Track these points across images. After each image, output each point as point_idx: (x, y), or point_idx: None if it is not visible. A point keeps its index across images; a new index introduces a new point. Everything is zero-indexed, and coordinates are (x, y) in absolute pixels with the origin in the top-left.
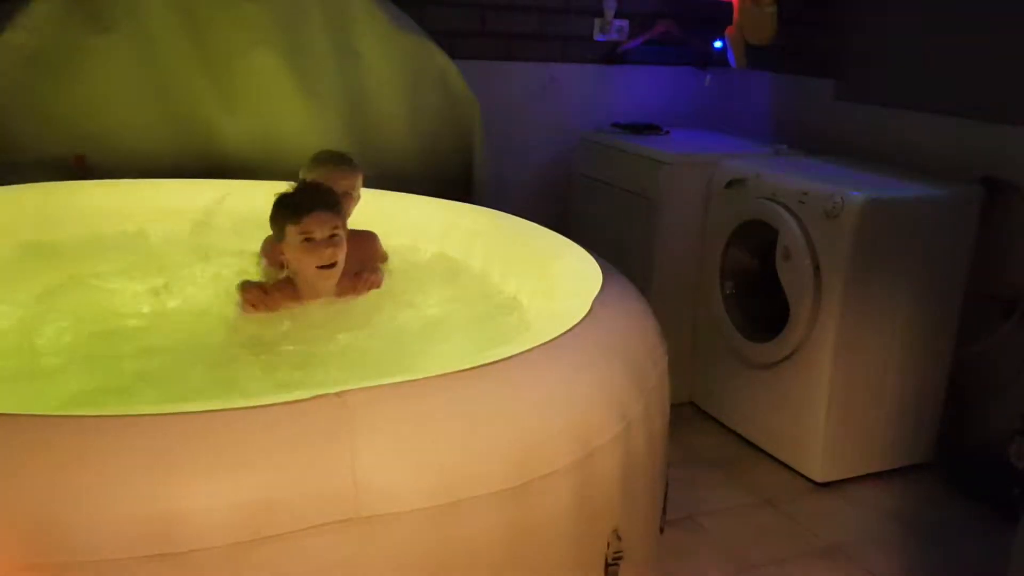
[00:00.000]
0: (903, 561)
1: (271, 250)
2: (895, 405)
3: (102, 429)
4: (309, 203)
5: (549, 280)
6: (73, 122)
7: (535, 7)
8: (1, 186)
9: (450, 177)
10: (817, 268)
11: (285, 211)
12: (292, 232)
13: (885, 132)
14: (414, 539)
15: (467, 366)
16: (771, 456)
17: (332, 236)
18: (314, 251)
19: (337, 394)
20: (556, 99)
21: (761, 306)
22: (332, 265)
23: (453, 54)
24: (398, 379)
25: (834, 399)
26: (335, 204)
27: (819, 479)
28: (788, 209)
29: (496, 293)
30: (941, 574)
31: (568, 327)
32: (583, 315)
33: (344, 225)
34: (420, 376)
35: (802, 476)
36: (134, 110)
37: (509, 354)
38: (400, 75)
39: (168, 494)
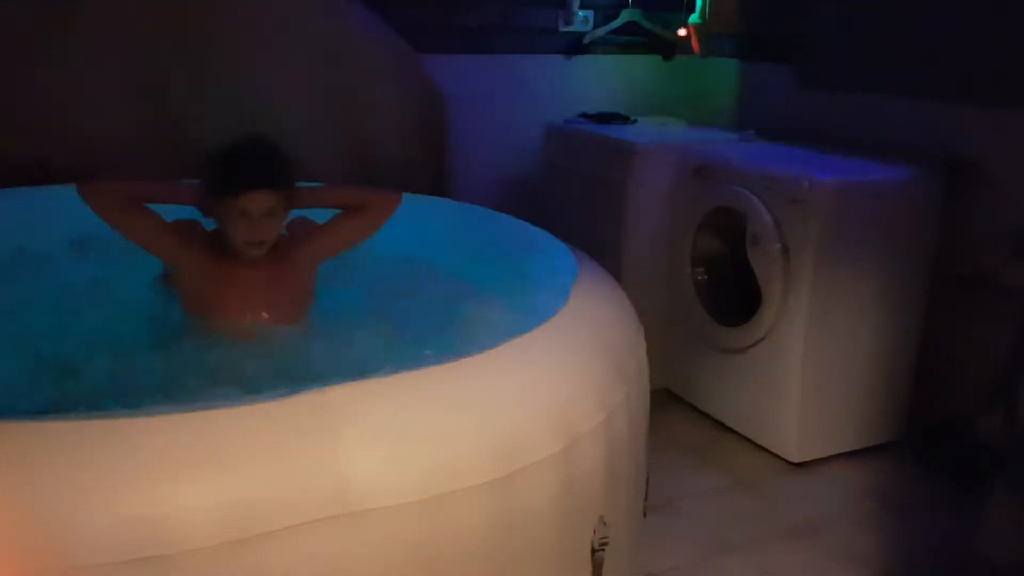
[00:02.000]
0: (878, 537)
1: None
2: (866, 384)
3: (83, 433)
4: (250, 177)
5: (524, 271)
6: (37, 125)
7: (499, 0)
8: None
9: (420, 172)
10: (786, 252)
11: (222, 177)
12: (227, 202)
13: (849, 116)
14: (403, 533)
15: (448, 360)
16: (746, 439)
17: (269, 214)
18: (243, 225)
19: (319, 391)
20: (523, 91)
21: (732, 291)
22: (259, 243)
23: (419, 49)
24: (379, 375)
25: (807, 380)
26: (281, 179)
27: (794, 459)
28: (756, 194)
29: (471, 286)
30: (915, 549)
31: (547, 317)
32: (561, 305)
33: (290, 201)
34: (401, 371)
35: (777, 457)
36: (99, 111)
37: (490, 346)
38: (367, 72)
39: (154, 496)
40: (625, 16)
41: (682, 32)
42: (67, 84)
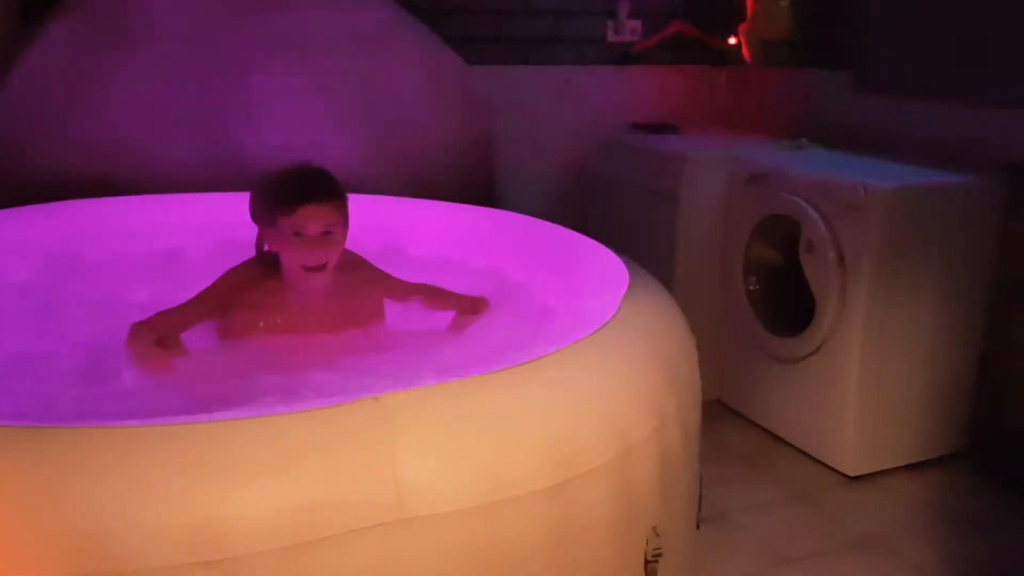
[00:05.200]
0: (940, 552)
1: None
2: (926, 395)
3: (145, 438)
4: (303, 193)
5: (576, 280)
6: (96, 140)
7: (548, 11)
8: (29, 205)
9: (471, 183)
10: (842, 260)
11: (275, 198)
12: (283, 224)
13: (905, 122)
14: (457, 539)
15: (501, 367)
16: (802, 451)
17: (326, 233)
18: (301, 248)
19: (375, 397)
20: (573, 101)
21: (786, 301)
22: (321, 267)
23: (469, 60)
24: (434, 382)
25: (864, 391)
26: (335, 194)
27: (852, 472)
28: (810, 202)
29: (523, 295)
30: (979, 564)
31: (599, 326)
32: (613, 313)
33: (345, 223)
34: (455, 378)
35: (834, 470)
36: (157, 126)
37: (543, 353)
38: (418, 84)
39: (212, 500)
40: (675, 26)
41: (732, 40)
42: (128, 101)
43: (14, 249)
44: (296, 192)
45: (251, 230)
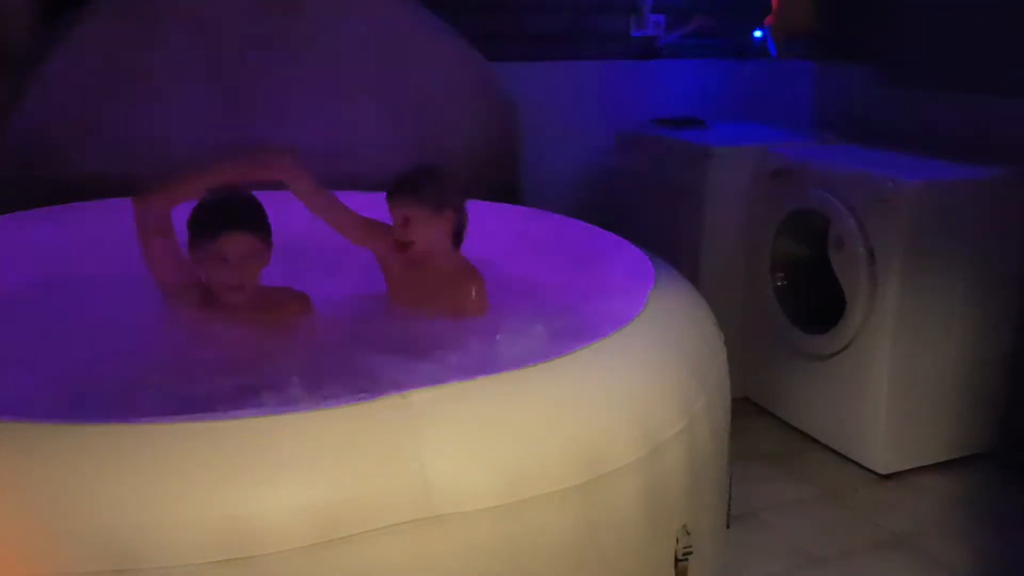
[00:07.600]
0: (971, 551)
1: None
2: (957, 392)
3: (171, 436)
4: (221, 221)
5: (601, 277)
6: (125, 140)
7: (570, 7)
8: (58, 205)
9: (494, 181)
10: (871, 255)
11: (199, 226)
12: (209, 249)
13: (932, 116)
14: (485, 537)
15: (528, 364)
16: (832, 449)
17: (247, 257)
18: (223, 270)
19: (402, 395)
20: (595, 97)
21: (814, 297)
22: (239, 287)
23: (490, 58)
24: (461, 380)
25: (894, 388)
26: (253, 223)
27: (882, 471)
28: (838, 196)
29: (548, 292)
30: (1010, 564)
31: (625, 323)
32: (639, 311)
33: (266, 248)
34: (482, 376)
35: (864, 468)
36: (185, 127)
37: (569, 351)
38: (440, 82)
39: (240, 499)
40: (698, 19)
41: (757, 34)
42: (157, 102)
43: (43, 248)
44: (216, 219)
45: (279, 229)
